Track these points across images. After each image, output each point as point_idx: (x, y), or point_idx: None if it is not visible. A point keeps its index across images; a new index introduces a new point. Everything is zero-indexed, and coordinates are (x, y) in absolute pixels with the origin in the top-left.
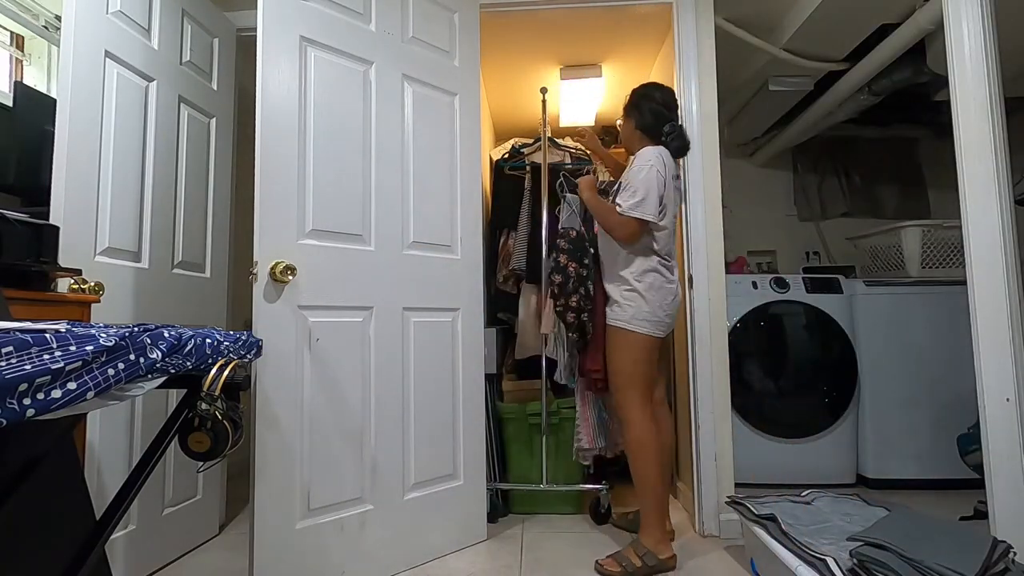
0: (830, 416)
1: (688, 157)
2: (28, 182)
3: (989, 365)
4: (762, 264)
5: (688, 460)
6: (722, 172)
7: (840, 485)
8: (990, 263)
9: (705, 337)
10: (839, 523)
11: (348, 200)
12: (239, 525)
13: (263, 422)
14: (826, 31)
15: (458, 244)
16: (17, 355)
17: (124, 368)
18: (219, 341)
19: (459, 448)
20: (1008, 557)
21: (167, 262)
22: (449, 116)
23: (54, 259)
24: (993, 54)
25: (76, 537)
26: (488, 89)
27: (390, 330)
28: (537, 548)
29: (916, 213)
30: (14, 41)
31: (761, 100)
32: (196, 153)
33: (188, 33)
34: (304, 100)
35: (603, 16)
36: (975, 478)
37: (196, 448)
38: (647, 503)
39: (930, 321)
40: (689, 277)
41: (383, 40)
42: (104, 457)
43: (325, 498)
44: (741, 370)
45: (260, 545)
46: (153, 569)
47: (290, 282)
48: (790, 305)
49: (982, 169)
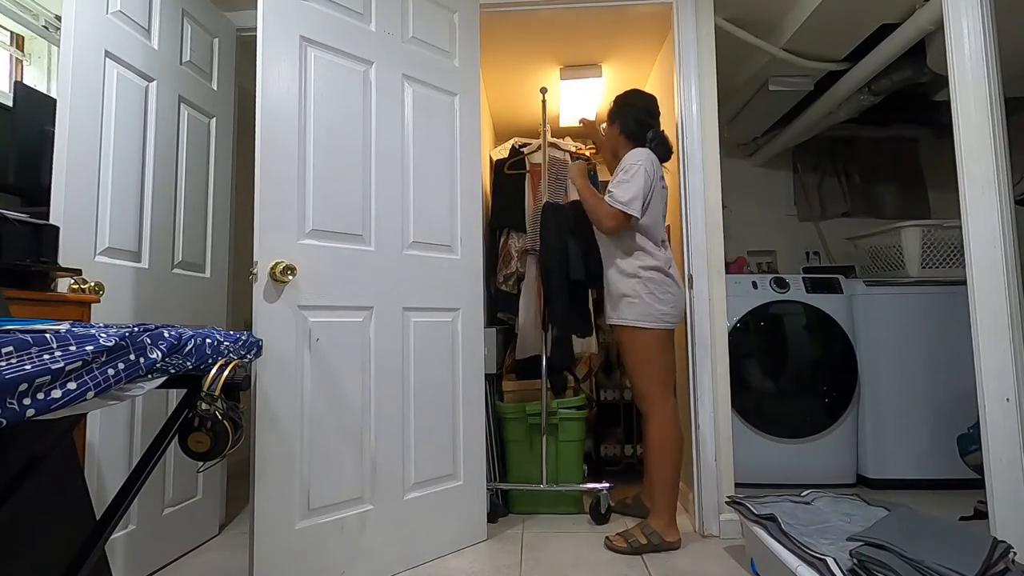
0: (830, 416)
1: (688, 157)
2: (28, 182)
3: (989, 365)
4: (762, 264)
5: (688, 460)
6: (722, 172)
7: (840, 485)
8: (990, 263)
9: (705, 337)
10: (839, 523)
11: (348, 200)
12: (239, 525)
13: (263, 422)
14: (826, 31)
15: (458, 244)
16: (17, 355)
17: (124, 368)
18: (219, 341)
19: (459, 448)
20: (1008, 557)
21: (167, 262)
22: (449, 116)
23: (54, 259)
24: (993, 54)
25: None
26: (488, 89)
27: (390, 330)
28: (537, 548)
29: (916, 213)
30: (14, 41)
31: (761, 100)
32: (196, 153)
33: (188, 33)
34: (304, 100)
35: (603, 16)
36: (975, 478)
37: (196, 448)
38: (661, 492)
39: (930, 321)
40: (689, 277)
41: (383, 40)
42: (104, 457)
43: (325, 498)
44: (741, 370)
45: (260, 545)
46: (153, 569)
47: (290, 282)
48: (790, 305)
49: (982, 169)
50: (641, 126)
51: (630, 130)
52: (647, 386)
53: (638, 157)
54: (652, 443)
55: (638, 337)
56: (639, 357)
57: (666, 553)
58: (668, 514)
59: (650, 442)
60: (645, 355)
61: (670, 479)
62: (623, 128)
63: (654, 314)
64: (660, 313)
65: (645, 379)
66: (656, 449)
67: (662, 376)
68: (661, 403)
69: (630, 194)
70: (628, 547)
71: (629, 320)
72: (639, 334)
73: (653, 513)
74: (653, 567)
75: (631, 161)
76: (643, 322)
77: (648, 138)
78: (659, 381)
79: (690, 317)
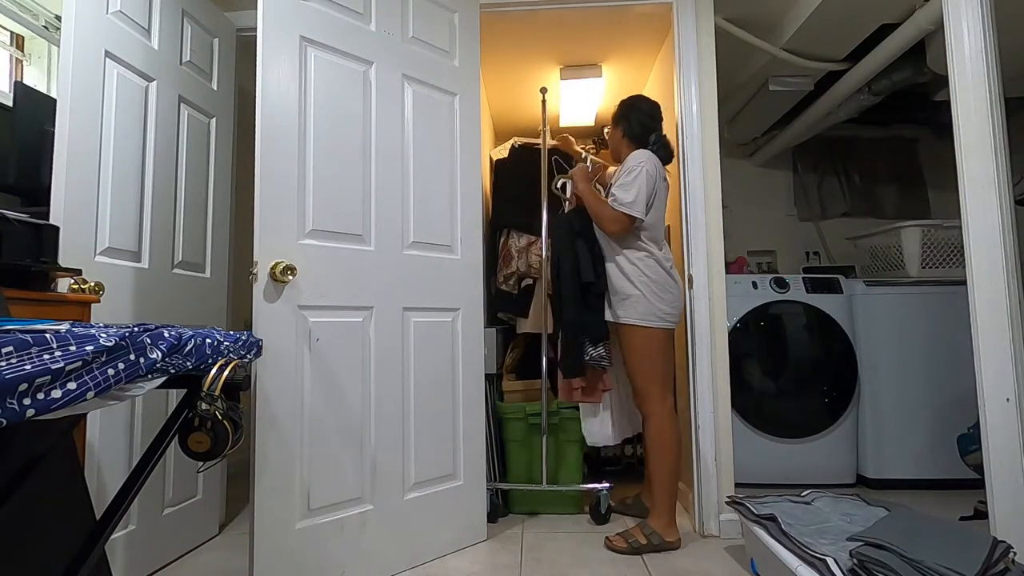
0: (830, 416)
1: (688, 157)
2: (28, 182)
3: (989, 365)
4: (762, 264)
5: (688, 460)
6: (722, 172)
7: (840, 485)
8: (990, 263)
9: (705, 337)
10: (839, 523)
11: (348, 200)
12: (239, 525)
13: (263, 422)
14: (826, 31)
15: (458, 244)
16: (17, 355)
17: (124, 368)
18: (219, 341)
19: (459, 448)
20: (1008, 557)
21: (167, 262)
22: (449, 116)
23: (54, 259)
24: (993, 54)
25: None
26: (488, 89)
27: (390, 330)
28: (537, 548)
29: (916, 213)
30: (14, 41)
31: (761, 100)
32: (196, 153)
33: (188, 33)
34: (304, 100)
35: (603, 16)
36: (975, 478)
37: (196, 448)
38: (660, 492)
39: (930, 321)
40: (689, 277)
41: (383, 40)
42: (104, 457)
43: (325, 498)
44: (741, 370)
45: (260, 545)
46: (153, 569)
47: (290, 282)
48: (790, 305)
49: (982, 169)
50: (645, 129)
51: (634, 133)
52: (647, 385)
53: (640, 158)
54: (651, 442)
55: (641, 335)
56: (641, 356)
57: (666, 553)
58: (668, 514)
59: (650, 442)
60: (647, 354)
61: (669, 478)
62: (626, 131)
63: (656, 313)
64: (662, 312)
65: (646, 378)
66: (655, 448)
67: (662, 375)
68: (660, 402)
69: (632, 196)
70: (628, 547)
71: (632, 319)
72: (642, 332)
73: (653, 513)
74: (653, 567)
75: (633, 163)
76: (646, 321)
77: (651, 141)
78: (659, 380)
79: (690, 317)
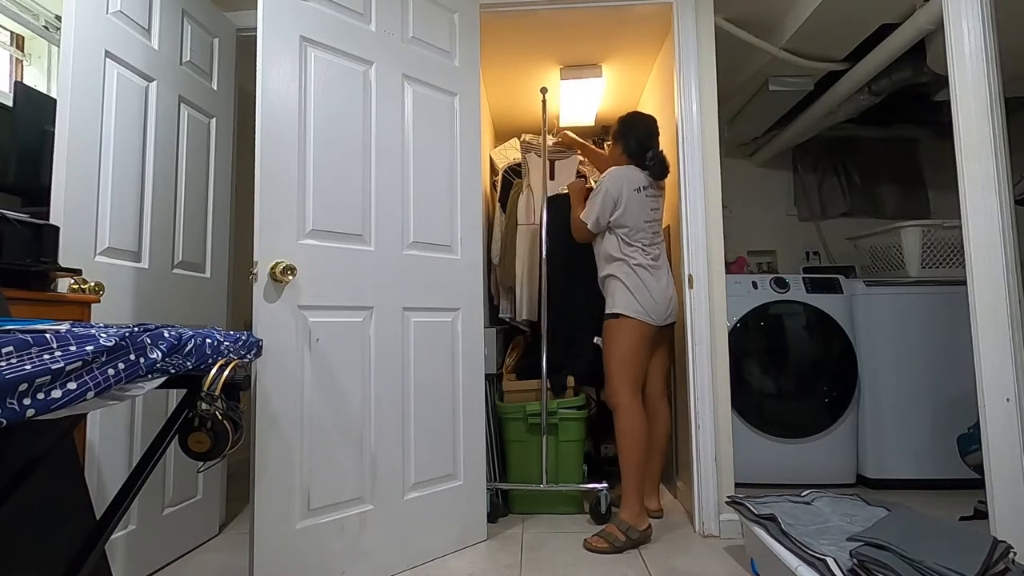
0: (830, 416)
1: (688, 157)
2: (28, 182)
3: (989, 365)
4: (762, 264)
5: (688, 460)
6: (722, 172)
7: (840, 485)
8: (990, 263)
9: (705, 337)
10: (839, 523)
11: (348, 200)
12: (239, 525)
13: (263, 422)
14: (826, 31)
15: (458, 244)
16: (17, 355)
17: (124, 368)
18: (219, 341)
19: (459, 448)
20: (1008, 557)
21: (167, 262)
22: (449, 116)
23: (54, 259)
24: (993, 54)
25: (76, 537)
26: (488, 89)
27: (390, 330)
28: (537, 548)
29: (916, 213)
30: (14, 41)
31: (761, 100)
32: (196, 153)
33: (188, 33)
34: (304, 100)
35: (603, 16)
36: (975, 478)
37: (196, 448)
38: (628, 482)
39: (930, 321)
40: (689, 277)
41: (383, 40)
42: (104, 457)
43: (325, 498)
44: (741, 370)
45: (260, 545)
46: (153, 569)
47: (290, 282)
48: (790, 305)
49: (982, 169)
50: (642, 147)
51: (631, 150)
52: (619, 380)
53: (604, 178)
54: (621, 432)
55: (615, 326)
56: (620, 346)
57: (666, 553)
58: (637, 504)
59: (619, 431)
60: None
61: (634, 465)
62: (625, 148)
63: (631, 306)
64: (636, 308)
65: (620, 371)
66: (623, 438)
67: (634, 371)
68: (630, 397)
69: (589, 211)
70: (611, 547)
71: (611, 309)
72: (615, 322)
73: (623, 505)
74: (653, 567)
75: (601, 182)
76: (624, 311)
77: (648, 158)
78: (631, 376)
79: (690, 317)
